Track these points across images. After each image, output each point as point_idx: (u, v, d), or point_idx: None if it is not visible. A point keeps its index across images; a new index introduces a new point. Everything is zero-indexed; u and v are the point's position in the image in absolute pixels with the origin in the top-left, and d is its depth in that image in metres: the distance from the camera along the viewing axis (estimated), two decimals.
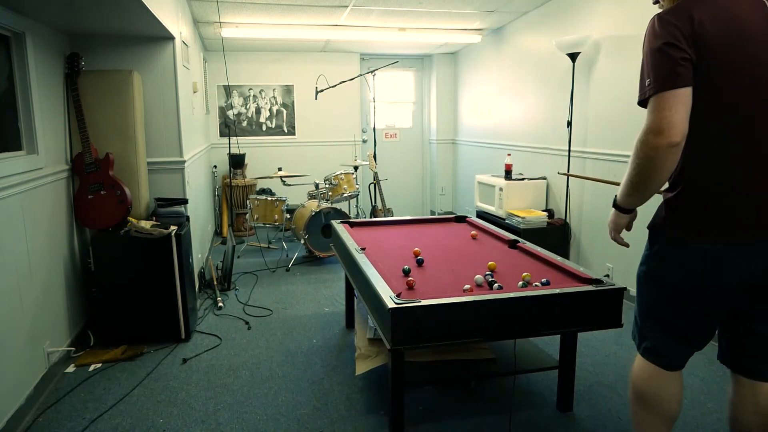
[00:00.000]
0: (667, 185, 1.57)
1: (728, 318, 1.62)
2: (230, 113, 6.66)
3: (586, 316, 2.09)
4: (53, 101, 3.00)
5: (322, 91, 5.87)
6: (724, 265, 1.48)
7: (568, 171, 4.28)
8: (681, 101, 1.37)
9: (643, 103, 1.45)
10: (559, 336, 2.39)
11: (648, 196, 1.54)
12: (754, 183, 1.43)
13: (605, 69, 3.90)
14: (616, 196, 1.65)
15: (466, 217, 3.61)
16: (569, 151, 4.25)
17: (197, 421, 2.38)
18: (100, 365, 2.92)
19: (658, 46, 1.40)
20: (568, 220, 4.35)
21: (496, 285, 2.17)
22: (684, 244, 1.52)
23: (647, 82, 1.42)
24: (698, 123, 1.42)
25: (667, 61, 1.38)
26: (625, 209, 1.64)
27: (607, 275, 3.87)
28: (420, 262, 2.56)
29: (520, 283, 2.20)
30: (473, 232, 3.15)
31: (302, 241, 4.87)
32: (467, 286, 2.15)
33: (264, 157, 6.73)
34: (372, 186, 5.68)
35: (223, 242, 5.84)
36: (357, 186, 5.27)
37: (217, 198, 6.30)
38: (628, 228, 1.73)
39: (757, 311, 1.56)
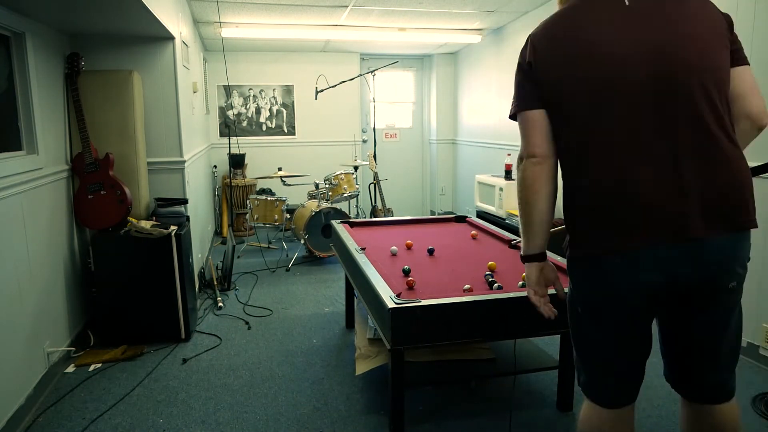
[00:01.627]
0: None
1: (663, 337, 1.47)
2: (230, 113, 6.66)
3: None
4: (53, 101, 3.00)
5: (322, 91, 5.87)
6: (614, 279, 1.33)
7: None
8: (535, 122, 1.44)
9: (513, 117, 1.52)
10: (559, 336, 2.39)
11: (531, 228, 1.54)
12: (631, 182, 1.29)
13: None
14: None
15: (466, 217, 3.61)
16: None
17: (197, 421, 2.38)
18: (100, 365, 2.92)
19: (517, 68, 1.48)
20: None
21: (496, 285, 2.17)
22: (575, 262, 1.42)
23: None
24: (564, 139, 1.40)
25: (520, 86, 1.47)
26: (528, 257, 1.59)
27: None
28: (431, 251, 2.72)
29: (520, 282, 2.20)
30: (473, 232, 3.15)
31: (302, 241, 4.87)
32: (467, 286, 2.15)
33: (264, 157, 6.73)
34: (372, 186, 5.68)
35: (223, 242, 5.84)
36: (357, 186, 5.27)
37: (217, 198, 6.30)
38: (545, 284, 1.61)
39: (677, 326, 1.40)
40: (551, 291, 1.64)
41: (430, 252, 2.76)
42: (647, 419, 2.34)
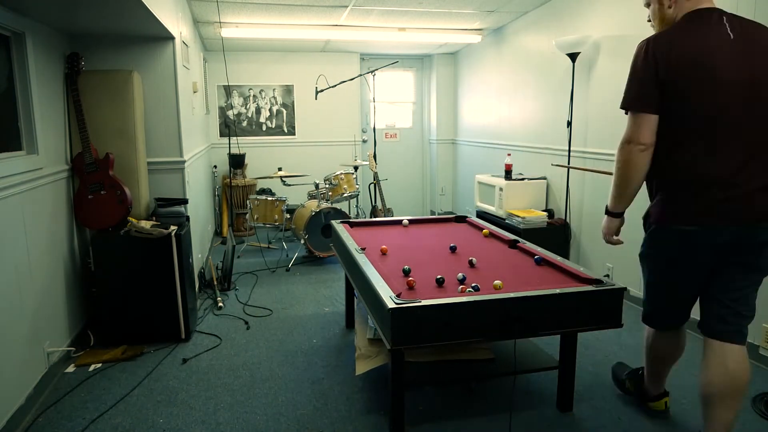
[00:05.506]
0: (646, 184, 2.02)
1: (703, 287, 1.99)
2: (230, 113, 6.66)
3: (586, 316, 2.09)
4: (53, 101, 3.00)
5: (322, 91, 5.87)
6: (694, 242, 1.88)
7: (568, 166, 4.28)
8: (647, 121, 1.86)
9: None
10: (559, 336, 2.39)
11: (630, 197, 1.98)
12: (715, 178, 1.82)
13: (605, 69, 3.90)
14: (607, 205, 2.06)
15: (466, 217, 3.61)
16: (569, 151, 4.25)
17: (197, 421, 2.38)
18: (100, 365, 2.92)
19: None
20: (568, 220, 4.35)
21: (471, 287, 2.15)
22: (665, 227, 1.93)
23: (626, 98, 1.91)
24: (671, 131, 1.85)
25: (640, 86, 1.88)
26: (614, 214, 2.06)
27: (607, 275, 3.87)
28: (453, 249, 2.78)
29: (496, 283, 2.18)
30: (485, 231, 3.17)
31: (302, 241, 4.87)
32: (461, 275, 2.21)
33: (264, 157, 6.73)
34: (372, 186, 5.68)
35: (223, 242, 5.84)
36: (357, 186, 5.27)
37: (217, 198, 6.30)
38: (617, 233, 2.11)
39: (722, 276, 1.93)
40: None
41: (453, 249, 2.80)
42: (648, 419, 2.34)
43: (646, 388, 2.38)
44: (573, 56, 4.02)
